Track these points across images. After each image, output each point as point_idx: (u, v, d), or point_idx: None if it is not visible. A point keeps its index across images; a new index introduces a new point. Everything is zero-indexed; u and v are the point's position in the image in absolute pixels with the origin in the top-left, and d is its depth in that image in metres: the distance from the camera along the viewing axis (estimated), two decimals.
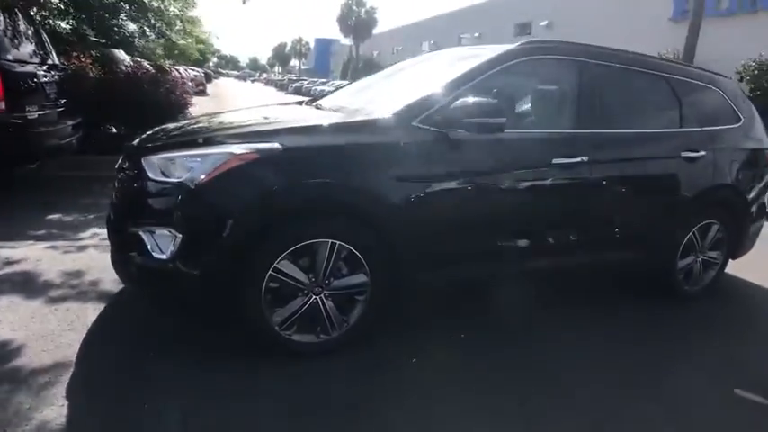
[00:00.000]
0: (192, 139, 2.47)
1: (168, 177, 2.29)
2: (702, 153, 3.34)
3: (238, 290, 2.29)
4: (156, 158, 2.35)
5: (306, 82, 45.87)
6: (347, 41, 48.44)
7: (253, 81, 74.15)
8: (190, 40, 9.31)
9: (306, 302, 2.42)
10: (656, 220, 3.28)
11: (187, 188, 2.21)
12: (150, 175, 2.33)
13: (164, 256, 2.24)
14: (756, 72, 15.64)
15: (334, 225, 2.39)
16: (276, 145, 2.30)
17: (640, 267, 3.37)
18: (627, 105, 3.22)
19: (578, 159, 2.87)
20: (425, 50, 39.99)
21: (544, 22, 28.08)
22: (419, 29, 43.36)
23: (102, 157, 5.92)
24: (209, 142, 2.38)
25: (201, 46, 9.29)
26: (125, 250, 2.40)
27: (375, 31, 40.82)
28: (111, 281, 3.16)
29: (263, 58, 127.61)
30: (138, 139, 2.72)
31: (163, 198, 2.29)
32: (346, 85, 4.00)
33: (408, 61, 3.84)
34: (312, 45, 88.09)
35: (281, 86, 51.52)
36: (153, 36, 8.35)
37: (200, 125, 2.89)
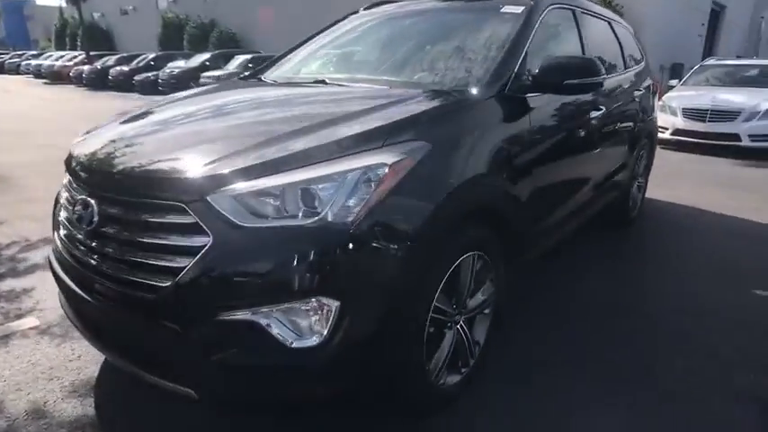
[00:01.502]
0: (282, 156, 1.52)
1: (281, 219, 1.42)
2: (642, 90, 3.74)
3: (402, 352, 1.63)
4: (239, 192, 1.43)
5: (8, 56, 35.70)
6: (54, 2, 39.13)
7: None
8: None
9: (453, 337, 1.91)
10: (627, 157, 3.58)
11: (333, 228, 1.41)
12: (236, 220, 1.41)
13: (312, 342, 1.41)
14: None
15: (479, 232, 1.89)
16: (423, 143, 1.63)
17: (615, 201, 3.66)
18: (606, 51, 3.33)
19: (602, 111, 2.88)
20: (164, 8, 35.07)
21: None
22: None
23: None
24: (318, 153, 1.53)
25: None
26: (209, 351, 1.44)
27: None
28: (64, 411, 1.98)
29: None
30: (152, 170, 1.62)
31: (285, 254, 1.39)
32: (283, 54, 3.08)
33: (355, 20, 3.15)
34: None
35: None
36: None
37: (215, 124, 1.90)
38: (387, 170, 1.49)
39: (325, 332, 1.42)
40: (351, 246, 1.42)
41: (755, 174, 6.34)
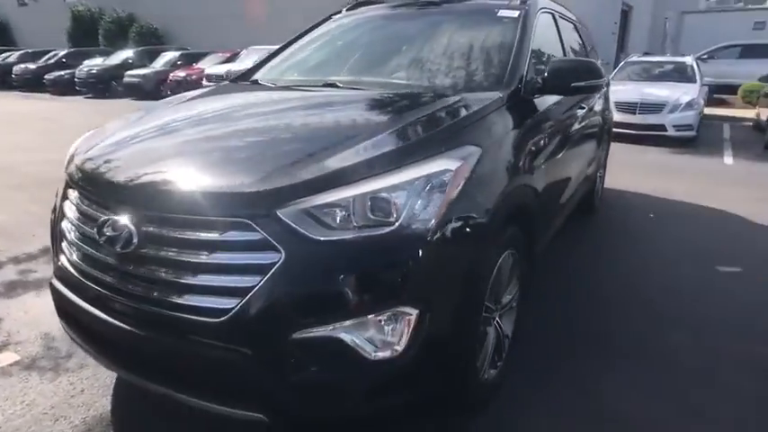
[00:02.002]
0: (346, 167, 1.47)
1: (355, 230, 1.38)
2: (605, 87, 3.98)
3: (465, 352, 1.66)
4: (310, 205, 1.37)
5: None
6: None
7: None
8: None
9: (494, 333, 1.95)
10: (596, 150, 3.80)
11: (410, 236, 1.39)
12: (310, 234, 1.35)
13: (393, 352, 1.39)
14: None
15: (513, 231, 1.94)
16: (475, 148, 1.65)
17: (586, 192, 3.88)
18: (577, 51, 3.50)
19: (585, 109, 3.04)
20: (72, 0, 31.97)
21: None
22: None
23: None
24: (382, 162, 1.49)
25: None
26: (284, 373, 1.38)
27: None
28: None
29: None
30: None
31: (364, 266, 1.37)
32: (272, 56, 2.95)
33: (342, 21, 3.08)
34: None
35: None
36: None
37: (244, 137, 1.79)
38: (451, 175, 1.50)
39: (406, 341, 1.40)
40: (427, 252, 1.41)
41: (683, 161, 6.95)
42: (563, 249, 3.57)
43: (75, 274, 1.67)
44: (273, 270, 1.33)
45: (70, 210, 1.78)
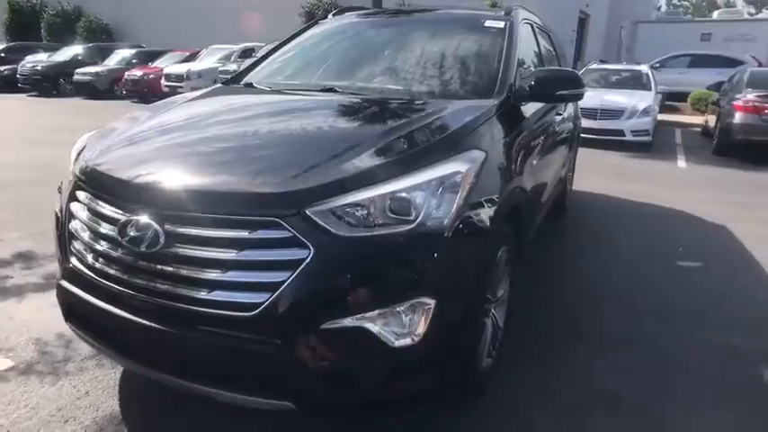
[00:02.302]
0: (367, 168, 1.58)
1: (378, 228, 1.48)
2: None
3: (472, 341, 1.80)
4: (336, 205, 1.47)
5: None
6: None
7: None
8: None
9: (491, 324, 2.09)
10: (568, 154, 4.02)
11: (429, 233, 1.51)
12: (337, 232, 1.44)
13: (412, 340, 1.49)
14: None
15: (509, 229, 2.08)
16: (480, 151, 1.78)
17: (559, 194, 4.10)
18: (552, 60, 3.71)
19: (562, 116, 3.24)
20: None
21: None
22: None
23: None
24: (399, 165, 1.61)
25: None
26: (312, 361, 1.46)
27: None
28: None
29: None
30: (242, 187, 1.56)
31: (388, 260, 1.49)
32: (262, 59, 2.99)
33: (319, 30, 3.18)
34: None
35: None
36: None
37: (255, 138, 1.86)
38: (461, 177, 1.63)
39: (424, 329, 1.51)
40: (443, 247, 1.54)
41: (641, 164, 7.37)
42: (535, 248, 3.77)
43: (91, 274, 1.69)
44: (303, 266, 1.41)
45: (80, 210, 1.78)
